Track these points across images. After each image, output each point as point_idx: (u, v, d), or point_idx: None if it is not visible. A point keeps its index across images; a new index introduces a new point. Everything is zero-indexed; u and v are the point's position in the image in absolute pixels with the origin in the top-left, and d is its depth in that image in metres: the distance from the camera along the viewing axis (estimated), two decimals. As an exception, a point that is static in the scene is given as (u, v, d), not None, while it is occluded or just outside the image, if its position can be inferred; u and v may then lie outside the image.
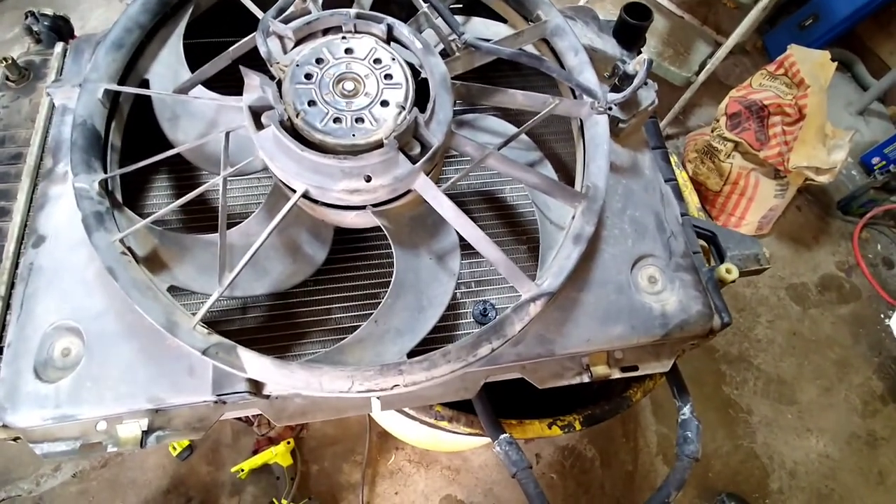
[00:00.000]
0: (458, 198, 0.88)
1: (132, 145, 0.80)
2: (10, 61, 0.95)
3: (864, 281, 2.36)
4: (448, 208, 0.67)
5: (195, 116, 0.75)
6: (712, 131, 2.18)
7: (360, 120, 0.64)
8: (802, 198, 2.49)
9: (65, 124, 0.85)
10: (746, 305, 2.26)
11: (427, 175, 0.68)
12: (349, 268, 0.81)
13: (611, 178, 0.82)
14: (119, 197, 0.72)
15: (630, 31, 1.02)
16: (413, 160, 0.65)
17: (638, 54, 1.07)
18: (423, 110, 0.66)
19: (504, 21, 0.88)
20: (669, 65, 2.19)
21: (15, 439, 0.77)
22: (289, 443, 1.69)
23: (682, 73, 2.19)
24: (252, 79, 0.64)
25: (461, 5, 0.95)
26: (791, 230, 2.42)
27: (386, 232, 0.71)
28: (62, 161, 0.82)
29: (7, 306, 0.79)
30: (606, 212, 0.80)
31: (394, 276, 0.71)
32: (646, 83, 0.83)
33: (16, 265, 0.81)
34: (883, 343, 2.23)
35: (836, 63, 2.06)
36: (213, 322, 0.77)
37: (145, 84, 0.78)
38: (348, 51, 0.67)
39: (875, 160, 2.45)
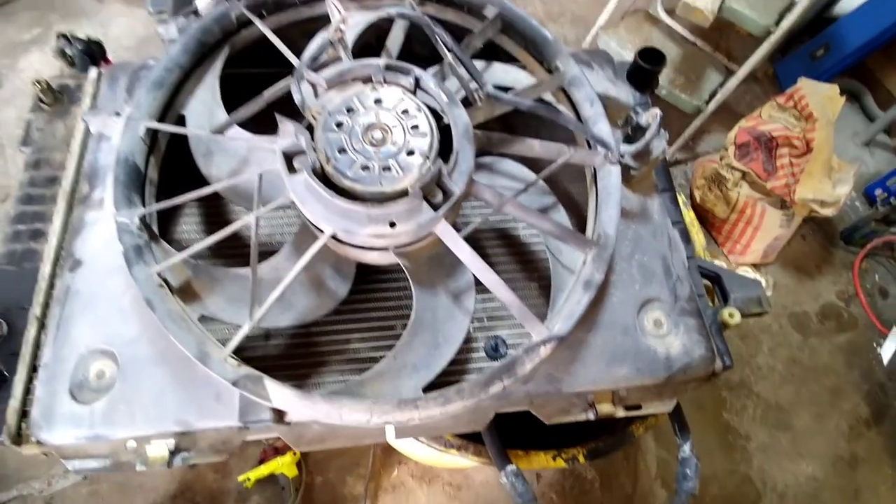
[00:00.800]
0: (474, 235, 0.92)
1: (168, 177, 0.84)
2: (44, 84, 1.00)
3: (862, 310, 2.39)
4: (466, 253, 0.71)
5: (228, 153, 0.80)
6: (721, 159, 2.21)
7: (387, 168, 0.68)
8: (807, 226, 2.51)
9: (101, 151, 0.89)
10: (749, 333, 2.29)
11: (447, 220, 0.71)
12: (368, 300, 0.84)
13: (621, 224, 0.86)
14: (155, 228, 0.76)
15: (644, 75, 1.06)
16: (435, 207, 0.69)
17: (651, 94, 1.12)
18: (445, 159, 0.70)
19: (524, 68, 0.91)
20: (680, 92, 2.23)
21: (45, 454, 0.81)
22: (295, 454, 1.72)
23: (692, 100, 2.22)
24: (287, 126, 0.68)
25: (481, 46, 0.99)
26: (795, 259, 2.45)
27: (406, 272, 0.74)
28: (98, 188, 0.86)
29: (42, 326, 0.83)
30: (615, 257, 0.83)
31: (412, 314, 0.74)
32: (659, 133, 0.86)
33: (51, 287, 0.85)
34: (873, 370, 2.27)
35: (844, 97, 2.09)
36: (239, 349, 0.80)
37: (182, 119, 0.82)
38: (377, 101, 0.71)
39: (878, 192, 2.48)
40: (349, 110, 0.70)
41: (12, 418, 0.76)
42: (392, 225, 0.67)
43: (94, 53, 1.10)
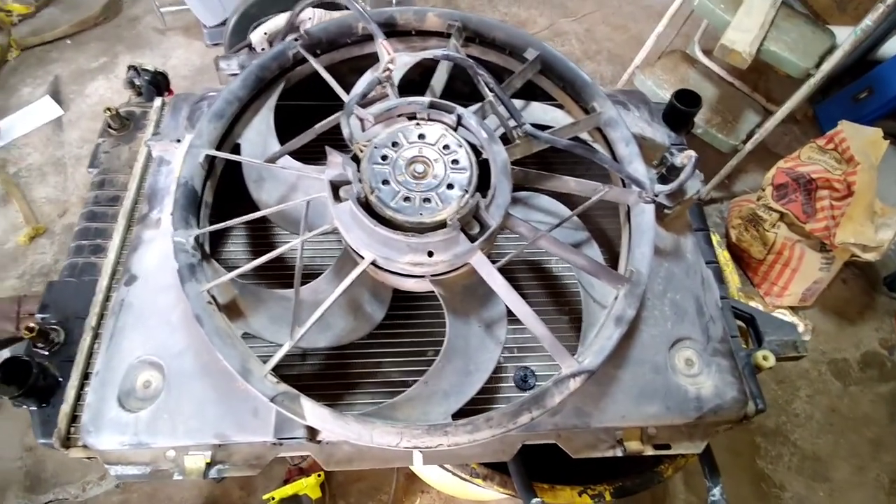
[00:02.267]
0: (507, 267, 0.94)
1: (221, 199, 0.90)
2: (114, 112, 1.08)
3: (907, 360, 2.28)
4: (501, 286, 0.73)
5: (278, 180, 0.85)
6: (758, 199, 2.19)
7: (427, 200, 0.72)
8: (849, 271, 2.44)
9: (160, 174, 0.95)
10: (786, 378, 2.22)
11: (482, 251, 0.74)
12: (402, 325, 0.87)
13: (654, 262, 0.86)
14: (207, 248, 0.81)
15: (679, 116, 1.08)
16: (472, 239, 0.72)
17: (687, 134, 1.13)
18: (483, 193, 0.73)
19: (561, 106, 0.95)
20: (717, 132, 2.23)
21: (89, 458, 0.85)
22: (319, 475, 1.74)
23: (729, 140, 2.22)
24: (335, 157, 0.73)
25: (520, 86, 1.03)
26: (835, 304, 2.37)
27: (441, 300, 0.77)
28: (157, 208, 0.92)
29: (96, 336, 0.88)
30: (648, 294, 0.84)
31: (445, 342, 0.76)
32: (693, 174, 0.88)
33: (107, 299, 0.91)
34: (917, 422, 2.15)
35: (888, 141, 2.05)
36: (275, 367, 0.84)
37: (237, 148, 0.88)
38: (421, 136, 0.75)
39: (926, 238, 2.39)
40: (394, 144, 0.75)
41: (63, 422, 0.81)
42: (430, 254, 0.70)
43: (159, 84, 1.19)
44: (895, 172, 2.68)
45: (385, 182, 0.72)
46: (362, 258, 0.73)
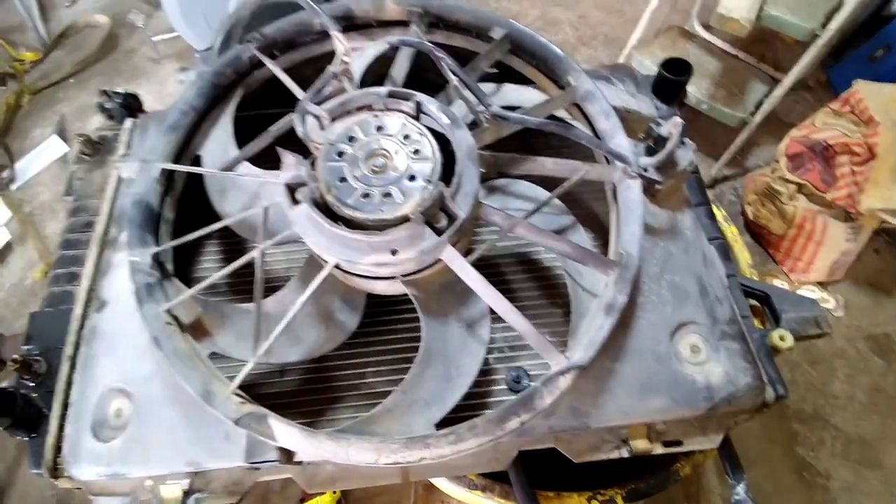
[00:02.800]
0: (492, 261, 0.88)
1: (186, 214, 0.86)
2: (84, 138, 1.06)
3: (957, 330, 2.13)
4: (475, 280, 0.67)
5: (241, 190, 0.80)
6: (772, 172, 2.08)
7: (388, 195, 0.67)
8: (881, 239, 2.30)
9: (128, 195, 0.92)
10: (820, 358, 2.09)
11: (455, 245, 0.68)
12: (382, 332, 0.82)
13: (648, 242, 0.80)
14: (170, 266, 0.77)
15: (669, 87, 1.01)
16: (440, 232, 0.66)
17: (681, 107, 1.06)
18: (450, 182, 0.68)
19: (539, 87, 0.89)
20: (723, 106, 2.13)
21: (79, 488, 0.83)
22: (334, 492, 1.69)
23: (736, 113, 2.12)
24: (287, 158, 0.68)
25: (497, 70, 0.97)
26: (869, 276, 2.23)
27: (414, 301, 0.71)
28: (124, 230, 0.89)
29: (73, 365, 0.85)
30: (643, 277, 0.77)
31: (421, 346, 0.71)
32: (683, 143, 0.81)
33: (81, 327, 0.88)
34: (974, 398, 1.99)
35: (910, 97, 1.92)
36: (253, 385, 0.80)
37: (198, 160, 0.85)
38: (379, 128, 0.70)
39: (964, 198, 2.24)
40: (350, 139, 0.70)
41: (49, 453, 0.78)
42: (394, 253, 0.65)
43: (130, 105, 1.16)
44: (921, 132, 2.53)
45: (342, 179, 0.67)
46: (326, 262, 0.69)
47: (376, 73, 0.94)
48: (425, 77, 0.90)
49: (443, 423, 0.68)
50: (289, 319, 0.67)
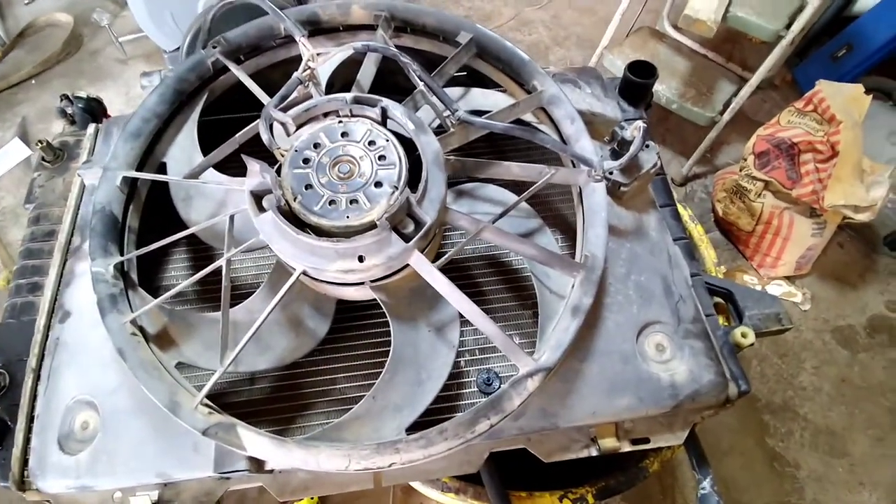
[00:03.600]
0: (462, 263, 0.89)
1: (152, 222, 0.85)
2: (45, 143, 1.04)
3: (918, 321, 2.21)
4: (443, 285, 0.68)
5: (206, 197, 0.80)
6: (740, 170, 2.12)
7: (354, 201, 0.66)
8: (845, 234, 2.37)
9: (91, 203, 0.90)
10: (789, 351, 2.15)
11: (423, 250, 0.69)
12: (353, 338, 0.82)
13: (614, 243, 0.81)
14: (135, 276, 0.76)
15: (635, 89, 1.03)
16: (407, 238, 0.66)
17: (647, 108, 1.08)
18: (417, 188, 0.68)
19: (505, 90, 0.90)
20: (692, 105, 2.17)
21: (48, 501, 0.81)
22: (312, 497, 1.68)
23: (705, 112, 2.16)
24: (252, 165, 0.68)
25: (465, 73, 0.98)
26: (834, 269, 2.30)
27: (383, 306, 0.72)
28: (88, 239, 0.87)
29: (38, 378, 0.83)
30: (609, 278, 0.78)
31: (391, 351, 0.71)
32: (647, 146, 0.82)
33: (45, 338, 0.86)
34: (939, 386, 2.07)
35: (871, 96, 1.98)
36: (222, 394, 0.79)
37: (163, 167, 0.83)
38: (344, 134, 0.70)
39: (922, 192, 2.32)
40: (316, 146, 0.69)
41: (15, 466, 0.77)
42: (361, 259, 0.65)
43: (93, 110, 1.14)
44: (883, 128, 2.62)
45: (308, 186, 0.67)
46: (294, 269, 0.68)
47: (345, 77, 0.94)
48: (394, 81, 0.90)
49: (414, 427, 0.69)
50: (257, 328, 0.67)
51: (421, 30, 0.88)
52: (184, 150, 0.83)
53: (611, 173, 0.77)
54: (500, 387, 0.80)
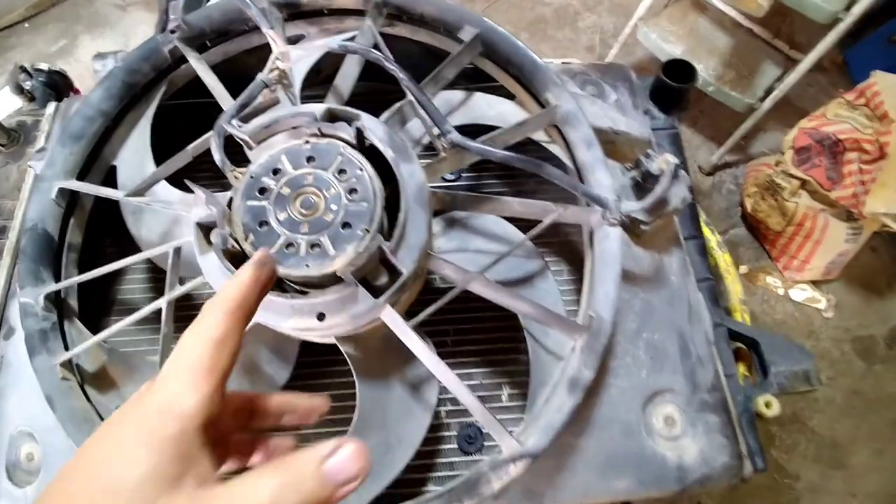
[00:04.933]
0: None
1: (102, 228, 0.75)
2: (-4, 124, 0.93)
3: (942, 335, 2.08)
4: (418, 347, 0.57)
5: (158, 213, 0.69)
6: (776, 165, 1.95)
7: (316, 245, 0.55)
8: (879, 237, 2.20)
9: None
10: (805, 360, 2.04)
11: (396, 304, 0.58)
12: (318, 384, 0.73)
13: (626, 292, 0.70)
14: (74, 302, 0.67)
15: (669, 94, 0.89)
16: (378, 291, 0.56)
17: (681, 112, 0.94)
18: (393, 233, 0.57)
19: (512, 97, 0.76)
20: (730, 89, 1.97)
21: None
22: None
23: (744, 98, 1.97)
24: (198, 192, 0.57)
25: (472, 65, 0.84)
26: (863, 275, 2.15)
27: (349, 361, 0.62)
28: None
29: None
30: (617, 336, 0.67)
31: (357, 413, 0.62)
32: (676, 176, 0.69)
33: (-11, 353, 0.78)
34: (942, 401, 1.98)
35: (929, 91, 1.78)
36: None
37: (113, 172, 0.72)
38: (311, 159, 0.58)
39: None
40: (275, 172, 0.58)
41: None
42: (321, 317, 0.54)
43: (57, 85, 1.02)
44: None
45: (263, 223, 0.56)
46: (247, 317, 0.58)
47: (334, 63, 0.81)
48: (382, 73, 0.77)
49: (379, 501, 0.60)
50: (201, 382, 0.57)
51: (419, 19, 0.74)
52: (137, 152, 0.72)
53: (626, 216, 0.64)
54: (482, 445, 0.72)
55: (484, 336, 0.78)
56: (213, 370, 0.33)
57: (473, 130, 0.67)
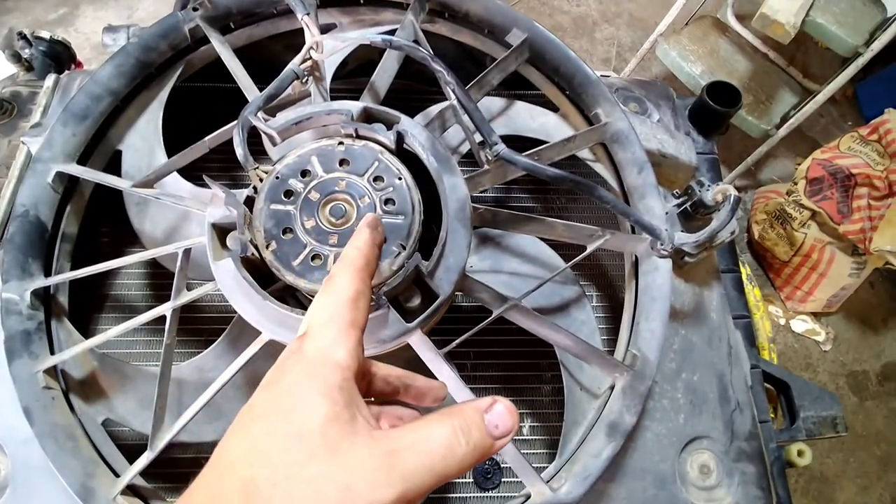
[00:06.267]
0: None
1: (97, 224, 0.68)
2: (-9, 94, 0.86)
3: (934, 374, 2.08)
4: (449, 378, 0.52)
5: (165, 206, 0.63)
6: (788, 194, 1.93)
7: (346, 260, 0.50)
8: (877, 273, 2.20)
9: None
10: (801, 393, 2.02)
11: (425, 328, 0.53)
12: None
13: (667, 329, 0.65)
14: (64, 299, 0.60)
15: (712, 117, 0.84)
16: (411, 314, 0.50)
17: (723, 134, 0.91)
18: (431, 247, 0.51)
19: (555, 109, 0.71)
20: (748, 115, 1.95)
21: None
22: None
23: (760, 124, 1.94)
24: (217, 191, 0.51)
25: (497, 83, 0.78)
26: (861, 309, 2.14)
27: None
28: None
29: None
30: (656, 376, 0.63)
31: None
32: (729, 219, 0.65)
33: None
34: (929, 439, 1.98)
35: (942, 132, 1.77)
36: (155, 462, 0.64)
37: (118, 156, 0.66)
38: (344, 162, 0.53)
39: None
40: (304, 173, 0.52)
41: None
42: (346, 340, 0.49)
43: (59, 56, 0.95)
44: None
45: (287, 230, 0.50)
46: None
47: (361, 57, 0.76)
48: (419, 68, 0.71)
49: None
50: (208, 400, 0.52)
51: (463, 18, 0.69)
52: (146, 138, 0.66)
53: (676, 248, 0.59)
54: (500, 482, 0.67)
55: (505, 361, 0.72)
56: (354, 324, 0.34)
57: (509, 141, 0.62)
